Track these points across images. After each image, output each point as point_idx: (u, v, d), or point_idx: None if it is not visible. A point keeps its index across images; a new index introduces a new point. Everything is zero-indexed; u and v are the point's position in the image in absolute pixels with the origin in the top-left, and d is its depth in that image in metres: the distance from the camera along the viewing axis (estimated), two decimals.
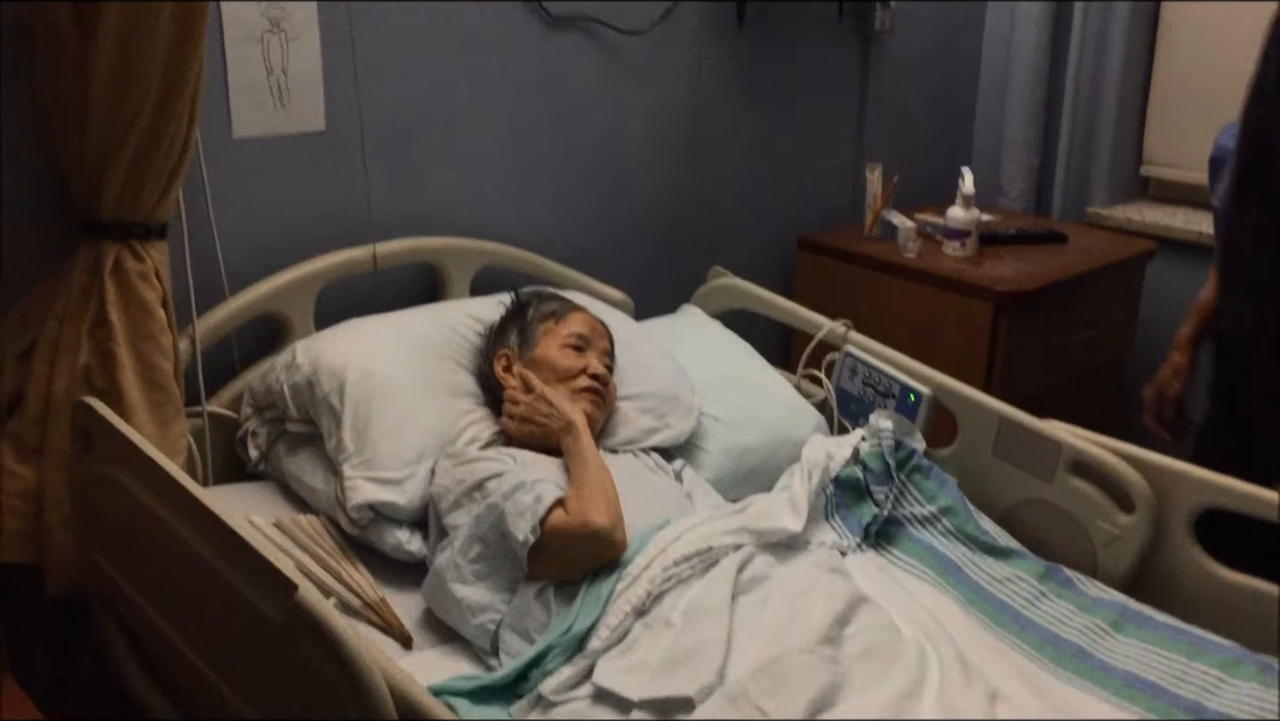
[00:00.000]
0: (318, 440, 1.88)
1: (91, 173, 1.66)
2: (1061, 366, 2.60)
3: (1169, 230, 2.90)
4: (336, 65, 2.04)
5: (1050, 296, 2.49)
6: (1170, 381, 2.10)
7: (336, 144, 2.08)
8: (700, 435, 2.06)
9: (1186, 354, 2.09)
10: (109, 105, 1.61)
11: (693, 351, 2.22)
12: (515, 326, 1.96)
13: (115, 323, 1.69)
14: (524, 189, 2.36)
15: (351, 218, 2.12)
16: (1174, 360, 2.11)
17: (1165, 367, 2.11)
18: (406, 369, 1.90)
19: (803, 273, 2.79)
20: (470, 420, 1.91)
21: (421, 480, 1.81)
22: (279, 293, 2.00)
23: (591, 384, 1.88)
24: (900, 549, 1.88)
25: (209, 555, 1.40)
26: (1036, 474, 1.90)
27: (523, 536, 1.59)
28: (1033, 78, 3.00)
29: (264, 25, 1.92)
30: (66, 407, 1.67)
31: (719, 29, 2.56)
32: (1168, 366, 2.11)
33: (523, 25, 2.26)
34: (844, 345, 2.19)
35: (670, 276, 2.58)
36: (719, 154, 2.66)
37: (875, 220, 2.72)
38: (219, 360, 1.99)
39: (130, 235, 1.71)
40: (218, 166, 1.91)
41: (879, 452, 1.95)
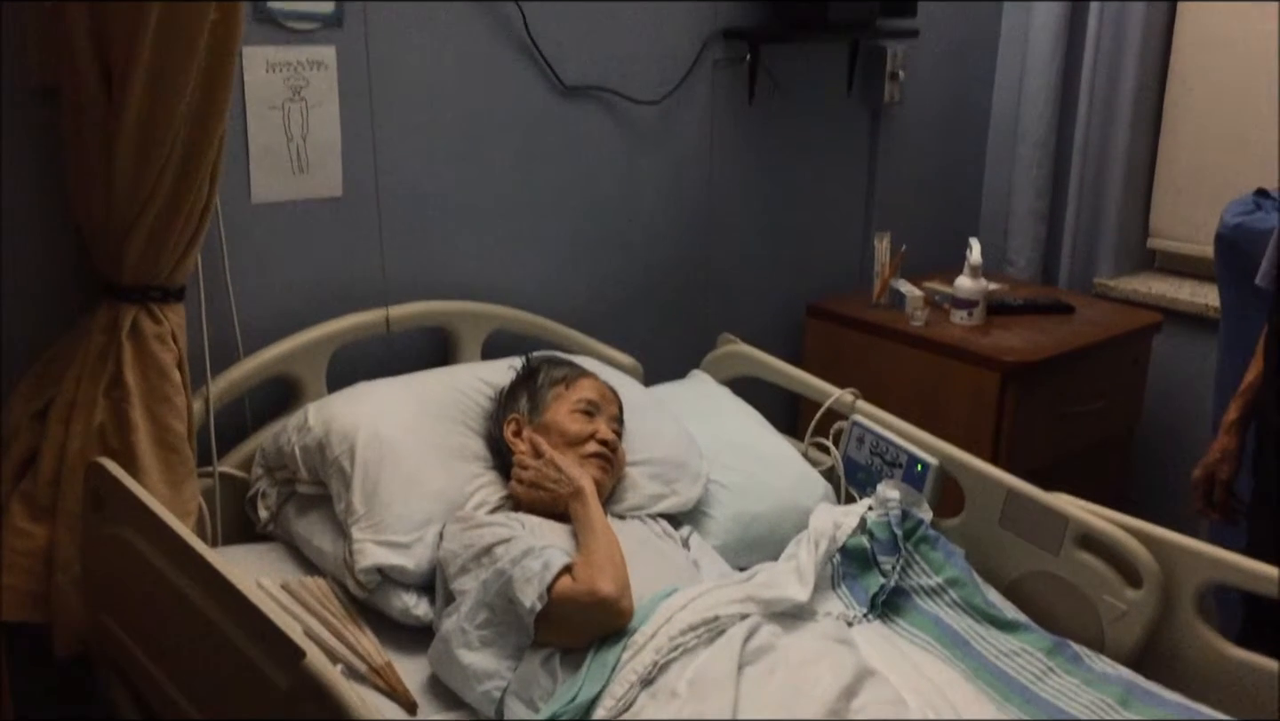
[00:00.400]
0: (327, 502, 1.89)
1: (113, 236, 1.69)
2: (1069, 437, 2.60)
3: (1175, 302, 2.92)
4: (355, 132, 2.08)
5: (1057, 367, 2.50)
6: (1220, 464, 2.09)
7: (353, 209, 2.11)
8: (708, 502, 2.07)
9: (1235, 436, 2.08)
10: (133, 171, 1.64)
11: (701, 418, 2.23)
12: (525, 391, 1.98)
13: (131, 384, 1.71)
14: (536, 254, 2.39)
15: (366, 281, 2.14)
16: (1222, 443, 2.09)
17: (1213, 451, 2.10)
18: (417, 432, 1.92)
19: (811, 339, 2.81)
20: (479, 484, 1.92)
21: (430, 544, 1.81)
22: (292, 354, 2.03)
23: (600, 449, 1.89)
24: (907, 620, 1.88)
25: (217, 618, 1.40)
26: (1044, 547, 1.90)
27: (529, 603, 1.59)
28: (1040, 150, 3.03)
29: (286, 94, 1.96)
30: (80, 468, 1.69)
31: (730, 99, 2.61)
32: (1216, 449, 2.10)
33: (537, 93, 2.31)
34: (852, 414, 2.20)
35: (680, 342, 2.60)
36: (729, 222, 2.69)
37: (883, 288, 2.75)
38: (231, 420, 2.01)
39: (148, 297, 1.74)
40: (236, 230, 1.94)
41: (886, 522, 1.95)
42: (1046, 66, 2.99)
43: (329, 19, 1.98)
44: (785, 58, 2.64)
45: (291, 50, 1.96)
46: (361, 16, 2.02)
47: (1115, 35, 2.93)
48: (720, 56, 2.56)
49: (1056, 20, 2.95)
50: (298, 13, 1.94)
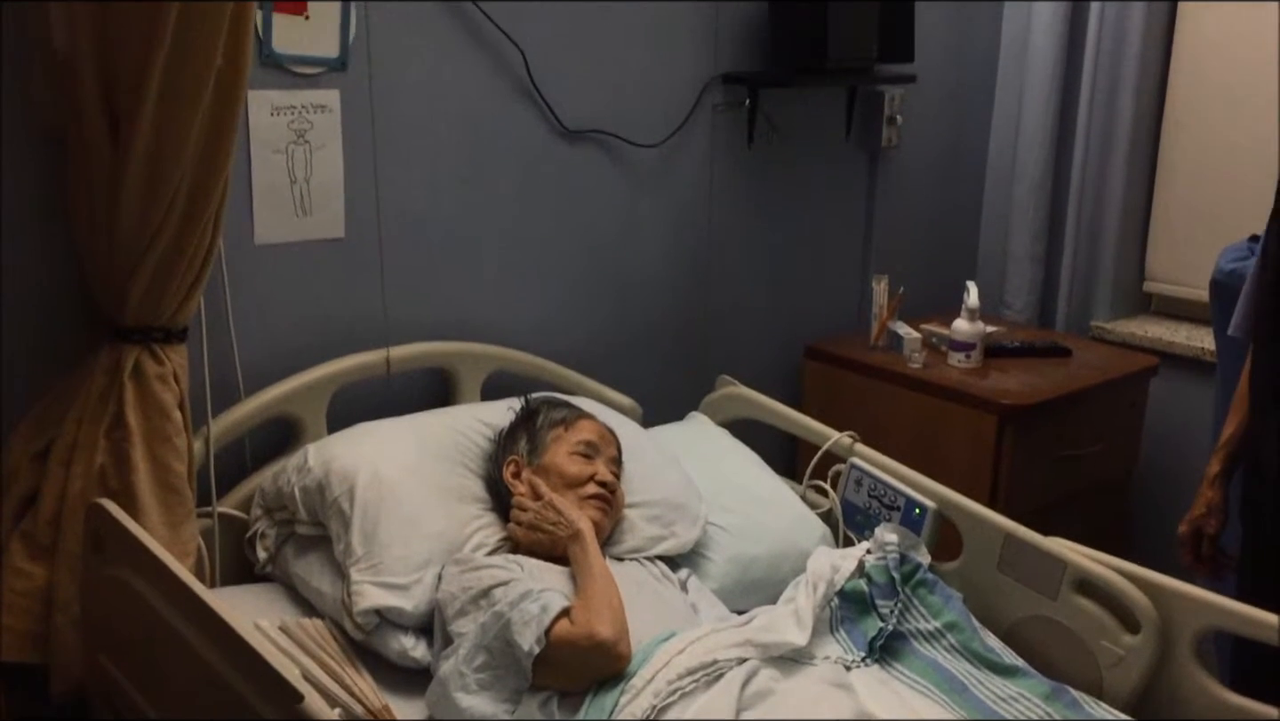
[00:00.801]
0: (326, 543, 1.89)
1: (117, 278, 1.70)
2: (1066, 480, 2.61)
3: (1172, 346, 2.93)
4: (357, 174, 2.10)
5: (1055, 410, 2.51)
6: (1206, 519, 2.07)
7: (355, 250, 2.13)
8: (706, 544, 2.07)
9: (1219, 489, 2.07)
10: (138, 214, 1.66)
11: (700, 459, 2.24)
12: (525, 433, 1.99)
13: (132, 425, 1.72)
14: (536, 295, 2.40)
15: (367, 322, 2.16)
16: (1206, 496, 2.08)
17: (1198, 505, 2.09)
18: (416, 473, 1.92)
19: (810, 380, 2.82)
20: (478, 525, 1.92)
21: (428, 586, 1.81)
22: (293, 395, 2.04)
23: (599, 491, 1.90)
24: (905, 664, 1.87)
25: (215, 660, 1.40)
26: (1041, 591, 1.90)
27: (528, 646, 1.59)
28: (1036, 194, 3.06)
29: (290, 137, 1.99)
30: (80, 508, 1.69)
31: (730, 143, 2.63)
32: (1200, 503, 2.08)
33: (538, 136, 2.33)
34: (850, 456, 2.21)
35: (679, 384, 2.61)
36: (728, 263, 2.71)
37: (881, 331, 2.76)
38: (231, 460, 2.02)
39: (151, 338, 1.75)
40: (238, 271, 1.95)
41: (884, 566, 1.95)
42: (1042, 111, 3.02)
43: (334, 63, 2.01)
44: (784, 102, 2.67)
45: (296, 94, 1.98)
46: (365, 60, 2.05)
47: (1110, 80, 2.96)
48: (720, 101, 2.59)
49: (1052, 65, 2.98)
50: (303, 58, 1.97)
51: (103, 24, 1.59)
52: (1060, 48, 2.98)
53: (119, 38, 1.59)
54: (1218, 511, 2.06)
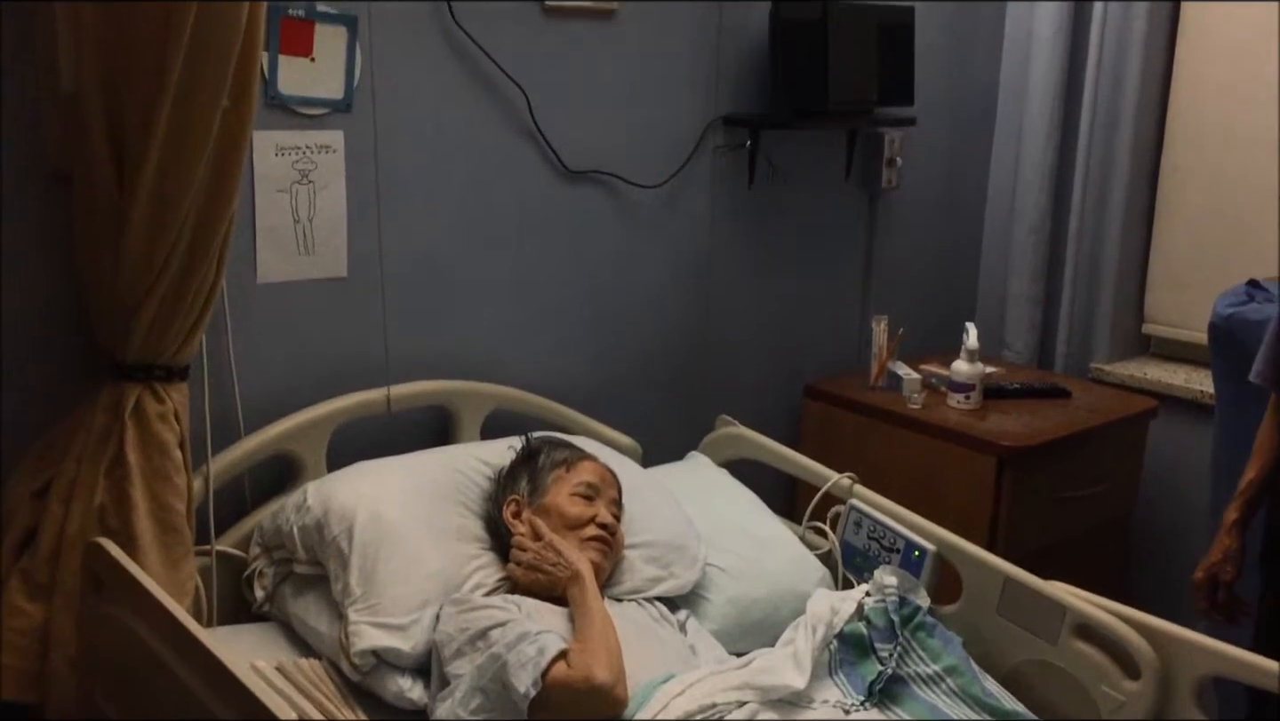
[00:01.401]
0: (324, 582, 1.89)
1: (120, 317, 1.71)
2: (1065, 521, 2.60)
3: (1171, 388, 2.93)
4: (360, 213, 2.11)
5: (1055, 452, 2.51)
6: (1223, 565, 2.06)
7: (357, 289, 2.14)
8: (705, 585, 2.07)
9: (1236, 537, 2.06)
10: (142, 252, 1.67)
11: (699, 499, 2.24)
12: (526, 473, 1.99)
13: (132, 463, 1.72)
14: (537, 334, 2.41)
15: (368, 360, 2.16)
16: (1223, 543, 2.07)
17: (1215, 551, 2.07)
18: (415, 513, 1.92)
19: (809, 420, 2.82)
20: (476, 565, 1.92)
21: (426, 626, 1.81)
22: (293, 433, 2.04)
23: (600, 533, 1.89)
24: (904, 708, 1.86)
25: (211, 701, 1.40)
26: (1041, 635, 1.90)
27: (524, 688, 1.59)
28: (1035, 235, 3.07)
29: (294, 176, 2.00)
30: (79, 547, 1.69)
31: (730, 184, 2.65)
32: (1217, 550, 2.07)
33: (540, 176, 2.35)
34: (849, 498, 2.21)
35: (679, 423, 2.61)
36: (728, 303, 2.72)
37: (881, 371, 2.77)
38: (230, 498, 2.02)
39: (153, 376, 1.75)
40: (241, 310, 1.96)
41: (883, 609, 1.94)
42: (1041, 152, 3.04)
43: (338, 105, 2.03)
44: (785, 144, 2.69)
45: (301, 135, 2.00)
46: (370, 101, 2.07)
47: (1108, 122, 2.99)
48: (721, 143, 2.61)
49: (1050, 106, 3.01)
50: (308, 99, 1.99)
51: (110, 65, 1.61)
52: (1058, 89, 3.01)
53: (126, 79, 1.61)
54: (1235, 558, 2.05)
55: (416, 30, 2.11)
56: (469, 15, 2.14)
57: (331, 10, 1.98)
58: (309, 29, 1.96)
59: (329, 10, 1.98)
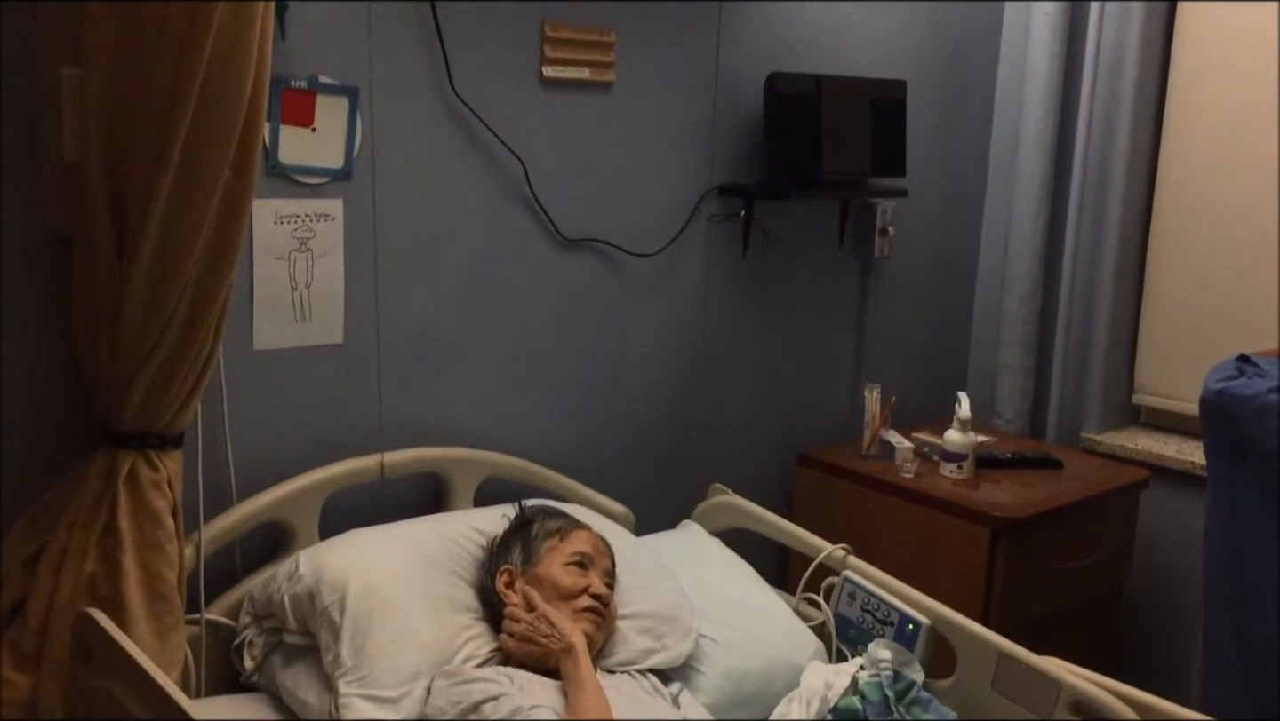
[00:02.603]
0: (314, 653, 1.87)
1: (116, 384, 1.71)
2: (1059, 592, 2.60)
3: (1162, 458, 2.94)
4: (358, 281, 2.12)
5: (1047, 522, 2.51)
6: None
7: (352, 356, 2.14)
8: (698, 657, 2.06)
9: None
10: (140, 321, 1.67)
11: (692, 569, 2.23)
12: (519, 542, 1.98)
13: (124, 531, 1.71)
14: (530, 401, 2.41)
15: (362, 427, 2.16)
16: None
17: None
18: (408, 583, 1.91)
19: (802, 487, 2.82)
20: (468, 636, 1.90)
21: (417, 699, 1.78)
22: (286, 501, 2.03)
23: (593, 604, 1.88)
24: None
25: None
26: (1036, 711, 1.89)
27: None
28: (1025, 305, 3.10)
29: (292, 244, 2.01)
30: (69, 617, 1.67)
31: (725, 252, 2.67)
32: None
33: (537, 244, 2.36)
34: (843, 569, 2.20)
35: (672, 491, 2.61)
36: (723, 371, 2.73)
37: (873, 439, 2.77)
38: (221, 566, 2.00)
39: (147, 445, 1.75)
40: (237, 376, 1.96)
41: (878, 683, 1.93)
42: (1031, 224, 3.08)
43: (338, 174, 2.04)
44: (778, 213, 2.72)
45: (300, 203, 2.01)
46: (369, 170, 2.09)
47: (1099, 195, 3.02)
48: (716, 212, 2.63)
49: (1040, 178, 3.05)
50: (309, 168, 2.00)
51: (113, 135, 1.62)
52: (1048, 161, 3.05)
53: (129, 149, 1.62)
54: None
55: (417, 100, 2.13)
56: (468, 85, 2.17)
57: (334, 82, 2.00)
58: (311, 100, 1.98)
59: (331, 82, 2.00)
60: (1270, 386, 2.09)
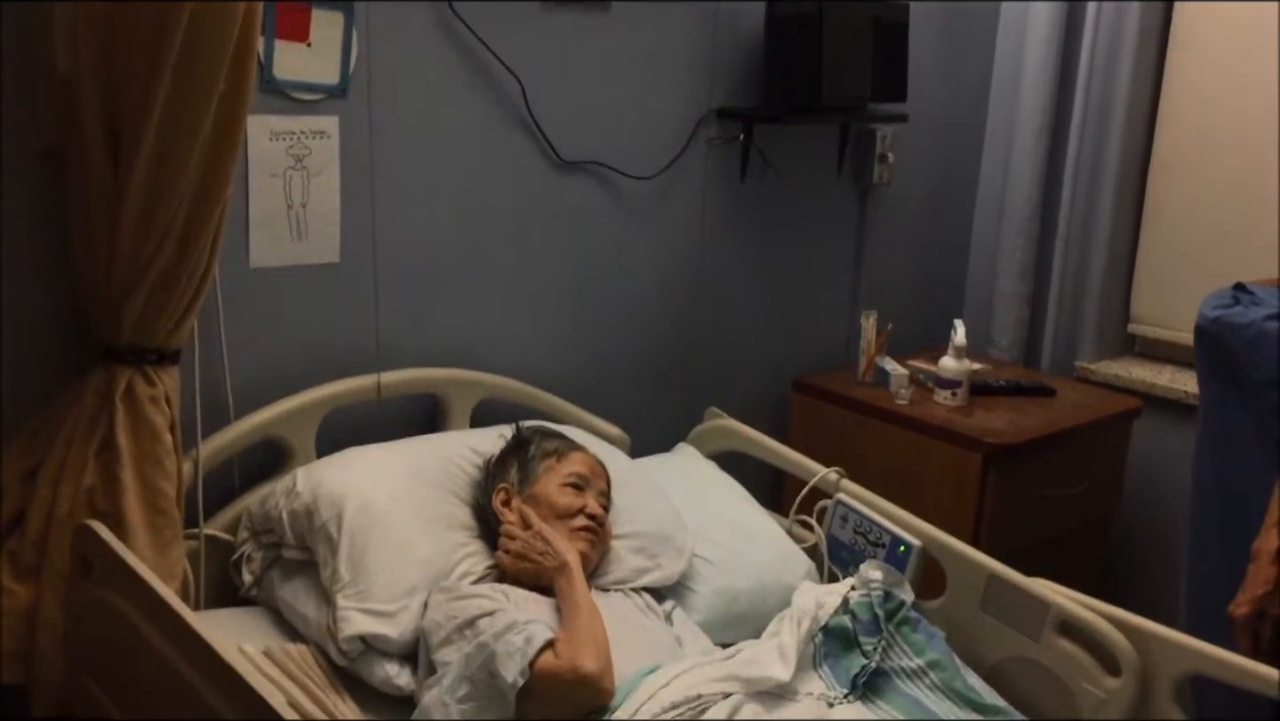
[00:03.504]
0: (312, 568, 1.89)
1: (112, 300, 1.71)
2: (1049, 520, 2.62)
3: (1155, 387, 2.95)
4: (354, 200, 2.11)
5: (1039, 449, 2.53)
6: (1270, 598, 1.87)
7: (349, 276, 2.13)
8: (691, 577, 2.08)
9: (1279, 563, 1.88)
10: (135, 236, 1.66)
11: (687, 491, 2.24)
12: (516, 461, 1.99)
13: (122, 446, 1.72)
14: (527, 324, 2.41)
15: (358, 347, 2.16)
16: (1265, 573, 1.88)
17: (1256, 582, 1.88)
18: (405, 500, 1.92)
19: (797, 414, 2.84)
20: (465, 553, 1.92)
21: (414, 613, 1.81)
22: (283, 418, 2.04)
23: (589, 524, 1.90)
24: (888, 701, 1.87)
25: (200, 684, 1.41)
26: (1024, 632, 1.92)
27: (511, 678, 1.59)
28: (1024, 235, 3.09)
29: (288, 162, 2.00)
30: (68, 529, 1.69)
31: (723, 178, 2.65)
32: (1259, 581, 1.88)
33: (534, 166, 2.35)
34: (836, 492, 2.22)
35: (667, 415, 2.62)
36: (719, 297, 2.73)
37: (869, 366, 2.78)
38: (219, 482, 2.02)
39: (144, 360, 1.75)
40: (232, 294, 1.96)
41: (868, 603, 1.95)
42: (1031, 152, 3.05)
43: (334, 90, 2.02)
44: (778, 138, 2.70)
45: (296, 120, 1.99)
46: (365, 87, 2.06)
47: (1099, 124, 3.00)
48: (714, 135, 2.61)
49: (1042, 106, 3.02)
50: (304, 84, 1.98)
51: (107, 49, 1.60)
52: (1051, 89, 3.02)
53: (123, 63, 1.60)
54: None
55: (414, 17, 2.10)
56: (466, 3, 2.14)
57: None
58: (306, 13, 1.95)
59: None
60: (1265, 314, 2.09)
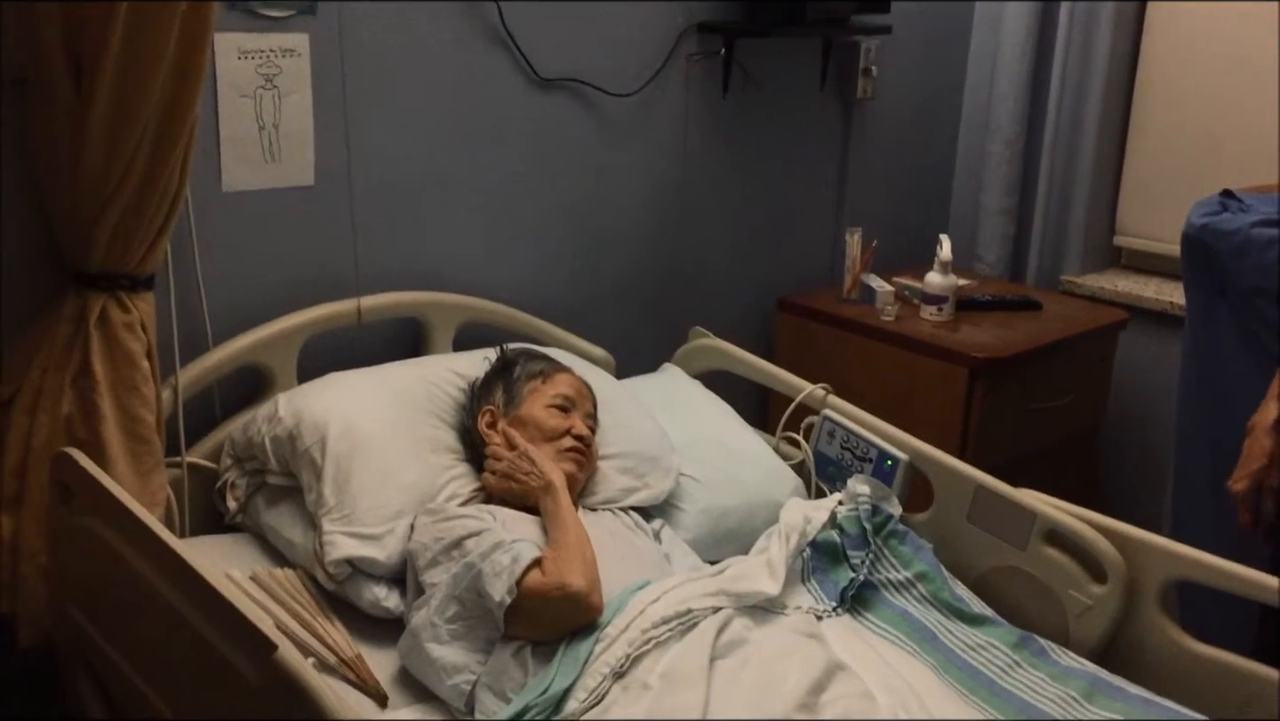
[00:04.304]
0: (297, 493, 1.88)
1: (81, 225, 1.67)
2: (1035, 433, 2.63)
3: (1141, 300, 2.95)
4: (327, 121, 2.06)
5: (1025, 363, 2.52)
6: (1269, 471, 1.84)
7: (324, 199, 2.09)
8: (679, 495, 2.08)
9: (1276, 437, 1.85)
10: (102, 159, 1.62)
11: (672, 411, 2.23)
12: (501, 383, 1.97)
13: (99, 373, 1.69)
14: (509, 245, 2.38)
15: (337, 271, 2.13)
16: (1263, 445, 1.85)
17: (1254, 456, 1.87)
18: (388, 424, 1.91)
19: (782, 333, 2.82)
20: (450, 476, 1.91)
21: (400, 536, 1.80)
22: (263, 344, 2.01)
23: (576, 445, 1.89)
24: (876, 614, 1.89)
25: (187, 611, 1.40)
26: (1011, 542, 1.92)
27: (499, 597, 1.59)
28: (1009, 148, 3.05)
29: (258, 81, 1.95)
30: (46, 458, 1.67)
31: (705, 93, 2.61)
32: (1258, 454, 1.86)
33: (511, 84, 2.30)
34: (823, 408, 2.21)
35: (652, 335, 2.60)
36: (702, 215, 2.70)
37: (854, 283, 2.76)
38: (200, 410, 2.00)
39: (117, 286, 1.72)
40: (206, 219, 1.92)
41: (856, 517, 1.96)
42: (1017, 65, 3.01)
43: (302, 6, 1.97)
44: (759, 52, 2.65)
45: (265, 38, 1.94)
46: (336, 4, 2.01)
47: (1085, 35, 2.95)
48: (695, 50, 2.56)
49: (1028, 19, 2.97)
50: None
51: None
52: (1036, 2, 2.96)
53: None
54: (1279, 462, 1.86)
55: None
56: None
57: None
58: None
59: None
60: (1253, 221, 2.07)
